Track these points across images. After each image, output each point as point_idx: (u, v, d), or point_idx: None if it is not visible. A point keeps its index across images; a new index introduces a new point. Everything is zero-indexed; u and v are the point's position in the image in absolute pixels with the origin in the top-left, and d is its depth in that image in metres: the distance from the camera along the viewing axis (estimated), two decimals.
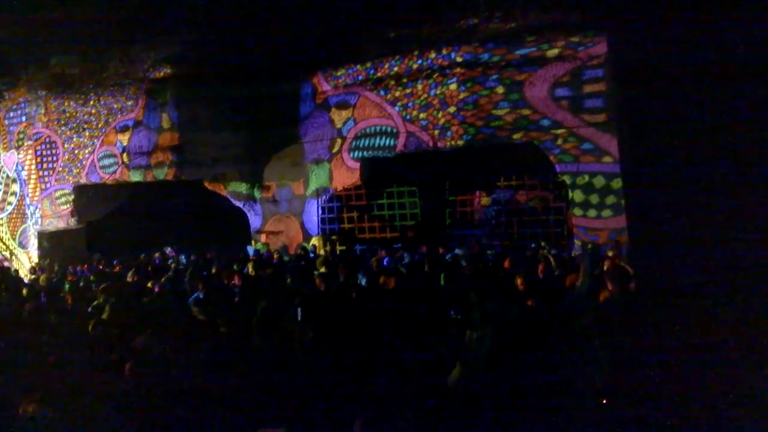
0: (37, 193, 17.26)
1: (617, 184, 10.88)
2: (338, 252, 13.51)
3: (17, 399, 4.08)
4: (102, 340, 5.43)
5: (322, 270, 8.44)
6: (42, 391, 4.11)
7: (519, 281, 5.79)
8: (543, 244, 10.33)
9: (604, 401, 3.45)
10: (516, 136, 11.74)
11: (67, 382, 4.41)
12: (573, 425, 3.38)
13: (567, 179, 11.40)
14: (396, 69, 12.99)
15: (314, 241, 14.06)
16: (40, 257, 16.43)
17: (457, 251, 11.52)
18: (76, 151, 16.43)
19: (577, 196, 11.28)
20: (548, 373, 3.70)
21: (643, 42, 2.99)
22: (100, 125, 15.92)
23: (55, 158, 16.85)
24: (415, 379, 3.99)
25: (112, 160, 15.75)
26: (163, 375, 4.67)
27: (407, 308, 5.91)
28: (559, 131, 11.33)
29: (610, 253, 9.38)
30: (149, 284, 8.66)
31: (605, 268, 7.59)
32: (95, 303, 7.38)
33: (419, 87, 12.73)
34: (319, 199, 14.32)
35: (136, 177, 15.31)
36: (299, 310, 5.85)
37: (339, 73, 13.83)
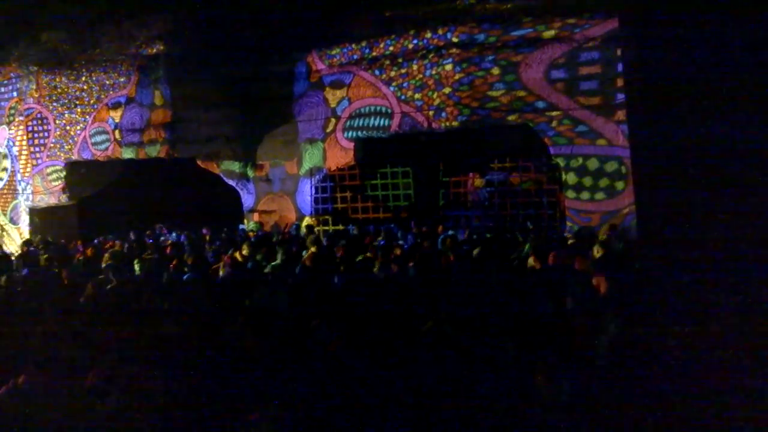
0: (29, 169, 17.14)
1: (611, 166, 10.92)
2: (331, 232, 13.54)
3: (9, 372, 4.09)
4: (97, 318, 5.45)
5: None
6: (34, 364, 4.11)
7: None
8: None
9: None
10: (511, 118, 11.73)
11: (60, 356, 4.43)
12: (570, 424, 3.41)
13: (561, 161, 11.42)
14: (391, 48, 12.90)
15: (307, 220, 14.06)
16: (31, 233, 16.38)
17: (451, 233, 11.54)
18: (68, 128, 16.30)
19: (571, 178, 11.30)
20: (545, 372, 3.73)
21: (655, 30, 2.96)
22: (92, 101, 15.78)
23: (46, 134, 16.71)
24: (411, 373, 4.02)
25: (104, 137, 15.64)
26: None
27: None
28: (554, 113, 11.32)
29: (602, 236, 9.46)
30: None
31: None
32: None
33: (414, 67, 12.67)
34: (313, 179, 14.29)
35: (128, 154, 15.22)
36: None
37: (334, 52, 13.73)
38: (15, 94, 17.17)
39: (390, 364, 4.18)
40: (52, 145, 16.62)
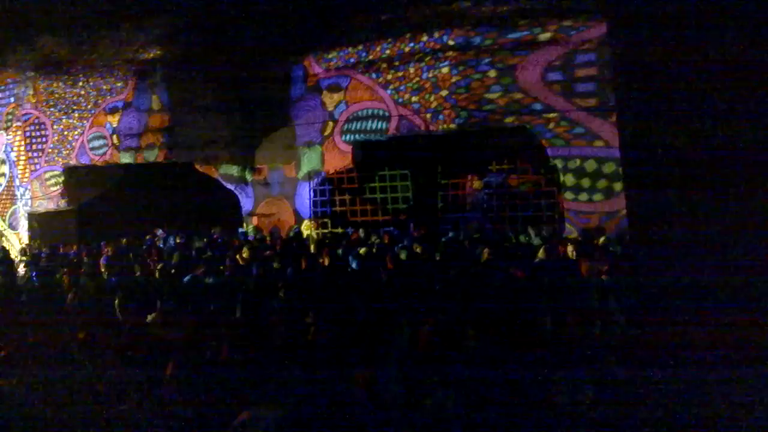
0: (27, 175, 17.14)
1: (608, 168, 10.91)
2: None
3: None
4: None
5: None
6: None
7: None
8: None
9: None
10: (508, 120, 11.73)
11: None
12: (568, 423, 3.41)
13: (558, 163, 11.41)
14: (388, 52, 12.90)
15: (306, 224, 14.07)
16: (30, 239, 16.40)
17: (450, 234, 11.56)
18: (66, 133, 16.29)
19: (569, 179, 11.30)
20: (546, 370, 3.73)
21: (644, 31, 2.96)
22: (89, 106, 15.77)
23: (44, 139, 16.72)
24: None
25: (101, 142, 15.63)
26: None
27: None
28: (551, 115, 11.32)
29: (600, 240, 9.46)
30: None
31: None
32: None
33: (411, 70, 12.66)
34: (311, 182, 14.29)
35: (126, 159, 15.21)
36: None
37: (330, 56, 13.73)
38: (12, 99, 17.16)
39: (386, 363, 4.18)
40: (50, 150, 16.62)
